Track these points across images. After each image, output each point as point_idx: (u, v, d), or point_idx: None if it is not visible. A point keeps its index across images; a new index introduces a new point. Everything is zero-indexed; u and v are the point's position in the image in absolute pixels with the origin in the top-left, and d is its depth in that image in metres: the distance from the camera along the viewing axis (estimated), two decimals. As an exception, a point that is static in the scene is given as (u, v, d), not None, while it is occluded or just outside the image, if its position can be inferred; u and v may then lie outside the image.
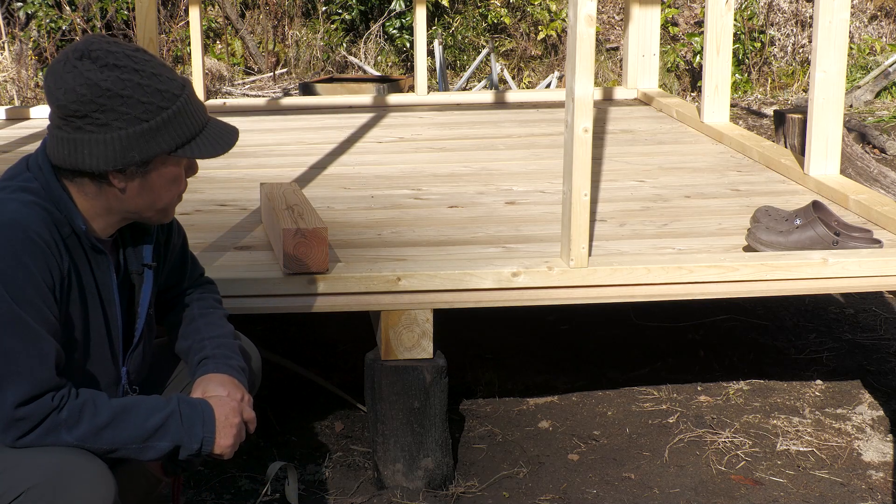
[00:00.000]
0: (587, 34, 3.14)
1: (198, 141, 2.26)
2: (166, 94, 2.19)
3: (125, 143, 2.18)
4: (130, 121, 2.17)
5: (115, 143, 2.18)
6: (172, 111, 2.20)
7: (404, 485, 3.29)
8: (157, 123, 2.19)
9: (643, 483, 3.36)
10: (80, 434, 2.15)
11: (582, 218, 3.27)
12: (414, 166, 4.74)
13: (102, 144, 2.18)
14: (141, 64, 2.19)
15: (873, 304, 4.76)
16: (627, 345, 4.35)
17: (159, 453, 2.23)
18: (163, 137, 2.20)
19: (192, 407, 2.27)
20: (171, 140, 2.21)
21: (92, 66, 2.15)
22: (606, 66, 10.03)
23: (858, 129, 7.93)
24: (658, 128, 5.49)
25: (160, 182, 2.26)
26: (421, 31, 6.12)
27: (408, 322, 3.24)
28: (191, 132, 2.24)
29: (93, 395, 2.19)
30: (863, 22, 10.37)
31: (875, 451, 3.53)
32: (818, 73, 4.15)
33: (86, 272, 2.28)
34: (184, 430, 2.23)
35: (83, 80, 2.15)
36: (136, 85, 2.17)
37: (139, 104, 2.17)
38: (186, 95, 2.23)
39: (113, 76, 2.15)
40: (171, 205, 2.33)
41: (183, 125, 2.22)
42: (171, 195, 2.30)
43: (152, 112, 2.18)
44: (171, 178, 2.27)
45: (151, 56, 2.24)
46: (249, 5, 10.46)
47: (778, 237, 3.49)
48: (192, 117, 2.24)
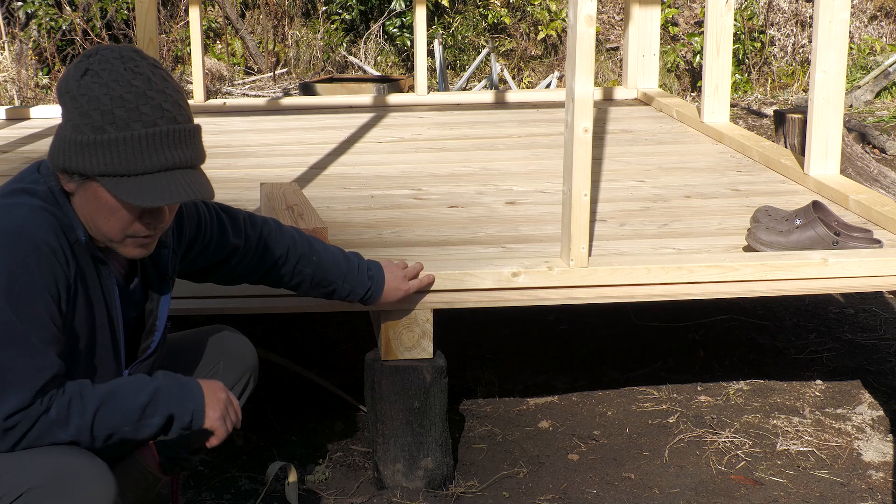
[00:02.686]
0: (587, 34, 3.14)
1: (130, 181, 2.13)
2: (120, 120, 2.11)
3: (64, 147, 2.16)
4: (75, 128, 2.14)
5: (60, 143, 2.17)
6: (113, 138, 2.11)
7: (404, 485, 3.29)
8: (92, 141, 2.12)
9: (643, 483, 3.36)
10: (73, 429, 2.16)
11: (582, 218, 3.27)
12: (414, 166, 4.74)
13: (55, 140, 2.19)
14: (122, 84, 2.12)
15: (873, 304, 4.76)
16: (627, 345, 4.35)
17: (154, 429, 2.24)
18: (93, 159, 2.13)
19: (178, 380, 2.28)
20: (98, 165, 2.12)
21: (81, 67, 2.15)
22: (606, 66, 10.03)
23: (858, 129, 7.93)
24: (658, 128, 5.49)
25: (95, 204, 2.18)
26: (421, 30, 6.12)
27: (408, 322, 3.24)
28: (125, 168, 2.12)
29: (79, 386, 2.18)
30: (863, 22, 10.37)
31: (875, 451, 3.53)
32: (818, 73, 4.15)
33: (92, 279, 2.27)
34: (173, 402, 2.24)
35: (67, 74, 2.17)
36: (94, 98, 2.12)
37: (87, 116, 2.12)
38: (148, 132, 2.12)
39: (85, 82, 2.13)
40: (117, 238, 2.22)
41: (119, 157, 2.12)
42: (110, 226, 2.19)
43: (94, 129, 2.12)
44: (106, 207, 2.17)
45: (150, 84, 2.14)
46: (249, 5, 10.46)
47: (778, 237, 3.49)
48: (137, 155, 2.12)
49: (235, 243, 2.66)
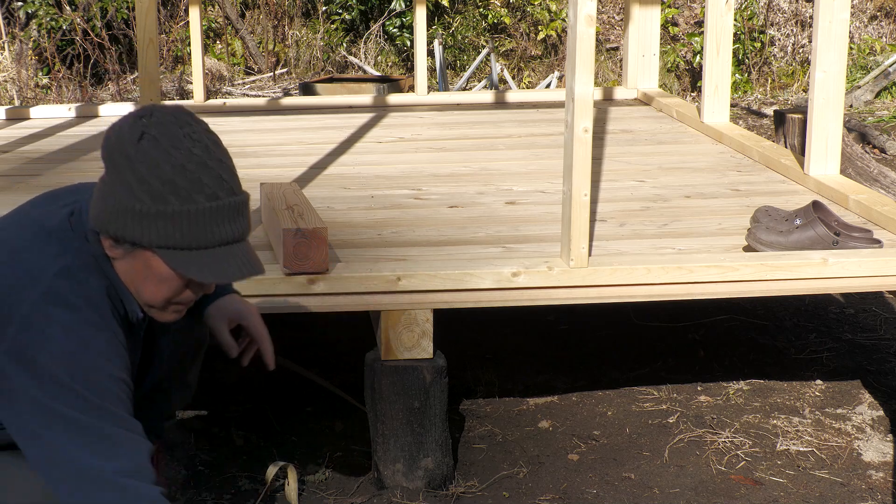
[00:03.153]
0: (587, 34, 3.14)
1: (191, 255, 2.05)
2: (183, 192, 2.02)
3: (117, 214, 2.05)
4: (131, 195, 2.03)
5: (111, 210, 2.06)
6: (175, 210, 2.02)
7: (404, 485, 3.29)
8: (152, 211, 2.03)
9: (643, 483, 3.36)
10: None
11: (582, 218, 3.27)
12: (414, 166, 4.74)
13: (103, 203, 2.08)
14: (183, 152, 2.03)
15: (873, 304, 4.76)
16: (627, 345, 4.35)
17: None
18: (152, 229, 2.03)
19: None
20: (157, 236, 2.04)
21: (136, 129, 2.05)
22: (606, 66, 10.03)
23: (858, 129, 7.93)
24: (658, 128, 5.49)
25: (143, 271, 2.10)
26: (421, 30, 6.12)
27: (408, 322, 3.24)
28: (186, 242, 2.04)
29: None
30: (863, 22, 10.37)
31: (875, 451, 3.53)
32: (818, 73, 4.15)
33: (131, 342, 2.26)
34: None
35: (121, 134, 2.06)
36: (155, 165, 2.02)
37: (146, 184, 2.02)
38: (211, 206, 2.04)
39: (145, 146, 2.03)
40: (163, 306, 2.17)
41: (180, 231, 2.03)
42: (156, 293, 2.13)
43: (154, 199, 2.02)
44: (156, 275, 2.10)
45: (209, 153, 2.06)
46: (249, 5, 10.46)
47: (778, 237, 3.49)
48: (199, 229, 2.04)
49: None
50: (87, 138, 5.28)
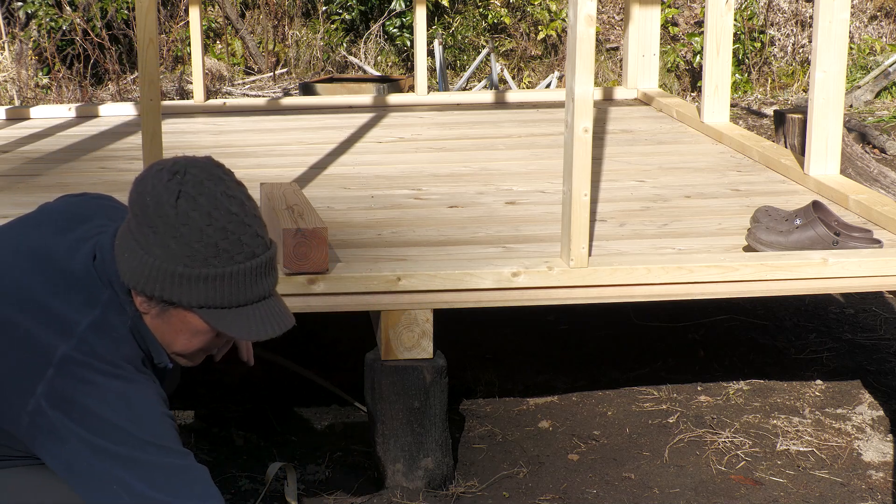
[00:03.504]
0: (587, 34, 3.14)
1: (231, 313, 2.03)
2: (225, 254, 1.99)
3: (156, 275, 2.01)
4: (172, 257, 1.99)
5: (149, 270, 2.01)
6: (218, 273, 2.00)
7: (404, 485, 3.29)
8: (195, 275, 2.00)
9: (643, 483, 3.36)
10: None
11: (582, 218, 3.27)
12: (414, 166, 4.74)
13: (138, 264, 2.02)
14: (223, 213, 2.00)
15: (873, 304, 4.76)
16: (627, 345, 4.35)
17: None
18: (194, 291, 2.01)
19: None
20: (199, 297, 2.01)
21: (173, 187, 2.00)
22: (606, 66, 10.03)
23: (858, 129, 7.93)
24: (658, 128, 5.49)
25: (178, 326, 2.07)
26: (421, 31, 6.12)
27: (408, 322, 3.24)
28: (227, 301, 2.02)
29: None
30: (863, 22, 10.37)
31: (875, 451, 3.53)
32: (818, 73, 4.15)
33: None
34: None
35: (157, 194, 2.01)
36: (197, 230, 1.98)
37: (189, 248, 1.98)
38: (250, 266, 2.02)
39: (182, 211, 1.98)
40: (192, 355, 2.15)
41: (221, 291, 2.01)
42: (189, 345, 2.11)
43: (197, 262, 1.99)
44: (191, 329, 2.08)
45: (245, 209, 2.03)
46: (249, 5, 10.46)
47: (778, 237, 3.49)
48: (240, 288, 2.02)
49: None
50: (87, 138, 5.28)
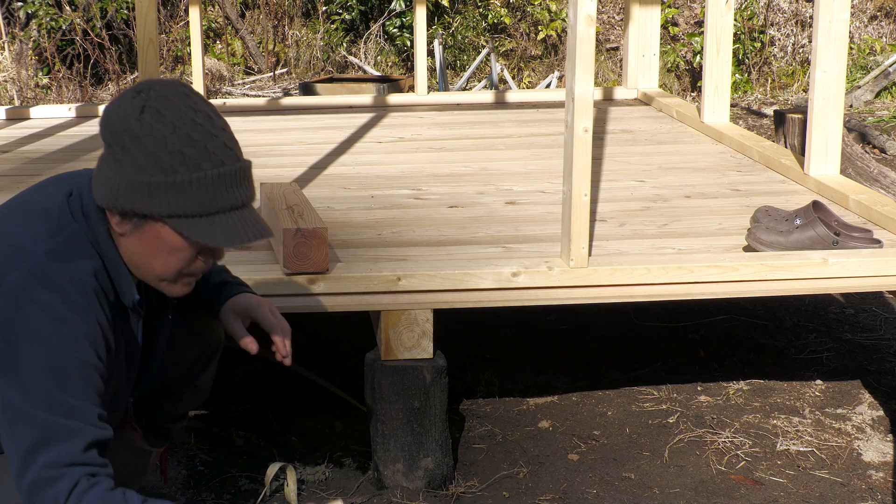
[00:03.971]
0: (587, 34, 3.14)
1: (201, 221, 2.08)
2: (191, 160, 2.06)
3: (126, 188, 2.08)
4: (140, 169, 2.06)
5: (120, 185, 2.08)
6: (185, 178, 2.06)
7: (404, 485, 3.29)
8: (162, 182, 2.06)
9: (643, 483, 3.36)
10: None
11: (582, 218, 3.27)
12: (414, 166, 4.74)
13: (109, 181, 2.10)
14: (187, 123, 2.07)
15: (873, 304, 4.76)
16: (627, 345, 4.35)
17: None
18: (163, 200, 2.07)
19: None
20: (168, 206, 2.07)
21: (136, 104, 2.08)
22: (606, 66, 10.03)
23: (858, 129, 7.93)
24: (658, 128, 5.49)
25: (153, 243, 2.12)
26: (421, 31, 6.12)
27: (408, 322, 3.24)
28: (196, 209, 2.07)
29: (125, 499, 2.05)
30: (863, 22, 10.37)
31: (875, 451, 3.53)
32: (818, 73, 4.15)
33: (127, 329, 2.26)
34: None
35: (122, 112, 2.09)
36: (161, 138, 2.05)
37: (154, 157, 2.05)
38: (218, 172, 2.07)
39: (146, 122, 2.06)
40: (174, 278, 2.18)
41: (191, 198, 2.07)
42: (167, 265, 2.15)
43: (164, 171, 2.05)
44: (166, 245, 2.12)
45: (212, 122, 2.10)
46: (249, 5, 10.46)
47: (778, 237, 3.49)
48: (208, 195, 2.08)
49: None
50: (87, 138, 5.28)
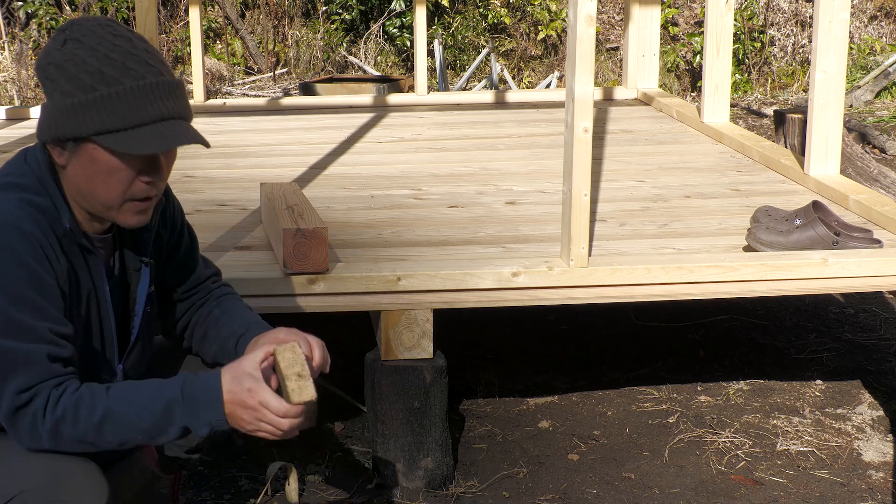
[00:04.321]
0: (587, 34, 3.14)
1: (127, 134, 2.13)
2: (110, 77, 2.12)
3: (56, 115, 2.15)
4: (65, 94, 2.13)
5: (50, 113, 2.16)
6: (105, 94, 2.12)
7: (404, 485, 3.29)
8: (84, 101, 2.12)
9: (643, 483, 3.36)
10: (83, 431, 2.12)
11: (582, 218, 3.27)
12: (414, 166, 4.74)
13: (43, 113, 2.19)
14: (106, 46, 2.14)
15: (873, 304, 4.76)
16: (627, 345, 4.35)
17: (174, 436, 2.18)
18: (87, 118, 2.13)
19: (194, 389, 2.16)
20: (94, 123, 2.13)
21: (60, 38, 2.16)
22: (606, 66, 10.03)
23: (858, 129, 7.93)
24: (658, 128, 5.49)
25: (91, 169, 2.17)
26: (421, 31, 6.12)
27: (408, 322, 3.24)
28: (120, 122, 2.13)
29: (89, 388, 2.14)
30: (863, 22, 10.37)
31: (875, 451, 3.53)
32: (818, 73, 4.15)
33: (83, 271, 2.26)
34: (188, 415, 2.14)
35: (46, 48, 2.18)
36: (81, 61, 2.13)
37: (76, 80, 2.13)
38: (138, 85, 2.13)
39: (67, 50, 2.14)
40: (117, 203, 2.20)
41: (114, 112, 2.12)
42: (109, 190, 2.18)
43: (85, 90, 2.12)
44: (102, 168, 2.16)
45: (132, 44, 2.16)
46: (249, 5, 10.46)
47: (778, 237, 3.49)
48: (130, 108, 2.13)
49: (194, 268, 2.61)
50: (87, 138, 5.27)
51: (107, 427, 2.13)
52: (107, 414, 2.12)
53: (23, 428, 2.11)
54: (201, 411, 2.15)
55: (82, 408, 2.11)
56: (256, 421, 2.18)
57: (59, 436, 2.11)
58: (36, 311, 2.12)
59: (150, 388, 2.18)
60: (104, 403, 2.13)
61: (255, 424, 2.18)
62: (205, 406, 2.15)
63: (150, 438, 2.17)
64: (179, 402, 2.15)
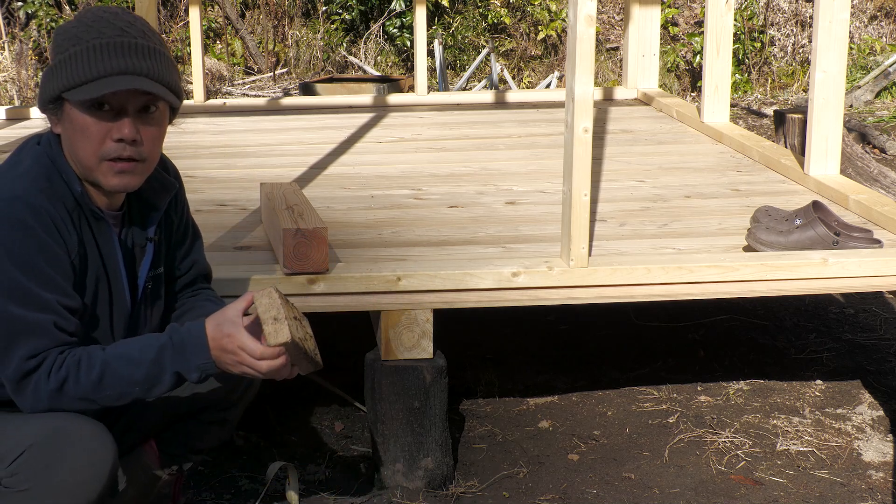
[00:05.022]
0: (587, 34, 3.14)
1: (90, 84, 2.20)
2: (79, 39, 2.21)
3: (43, 82, 2.26)
4: (49, 62, 2.25)
5: (42, 83, 2.27)
6: (72, 52, 2.21)
7: (404, 485, 3.29)
8: (57, 63, 2.22)
9: (643, 483, 3.36)
10: (84, 388, 2.21)
11: (582, 218, 3.27)
12: (414, 166, 4.74)
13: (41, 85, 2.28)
14: (94, 19, 2.23)
15: (873, 304, 4.76)
16: (627, 345, 4.35)
17: (168, 386, 2.28)
18: (57, 77, 2.22)
19: (181, 336, 2.28)
20: (62, 81, 2.22)
21: (71, 21, 2.27)
22: (606, 66, 10.03)
23: (858, 129, 7.93)
24: (658, 128, 5.49)
25: (71, 130, 2.25)
26: (421, 31, 6.12)
27: (408, 322, 3.24)
28: (82, 76, 2.20)
29: (86, 350, 2.24)
30: (863, 22, 10.37)
31: (875, 451, 3.53)
32: (818, 73, 4.15)
33: (91, 247, 2.32)
34: (178, 361, 2.25)
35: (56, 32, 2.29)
36: (65, 30, 2.24)
37: (58, 47, 2.23)
38: (98, 43, 2.20)
39: (68, 24, 2.25)
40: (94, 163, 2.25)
41: (76, 67, 2.20)
42: (86, 150, 2.25)
43: (60, 52, 2.22)
44: (79, 127, 2.24)
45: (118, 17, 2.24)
46: (249, 5, 10.46)
47: (778, 237, 3.49)
48: (92, 62, 2.20)
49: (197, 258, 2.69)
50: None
51: (105, 381, 2.22)
52: (104, 368, 2.22)
53: (27, 391, 2.21)
54: (190, 356, 2.25)
55: (82, 366, 2.21)
56: (238, 364, 2.28)
57: (63, 394, 2.21)
58: (46, 282, 2.20)
59: (141, 341, 2.29)
60: (101, 358, 2.23)
61: (238, 367, 2.28)
62: (192, 351, 2.26)
63: (145, 390, 2.26)
64: (169, 349, 2.25)
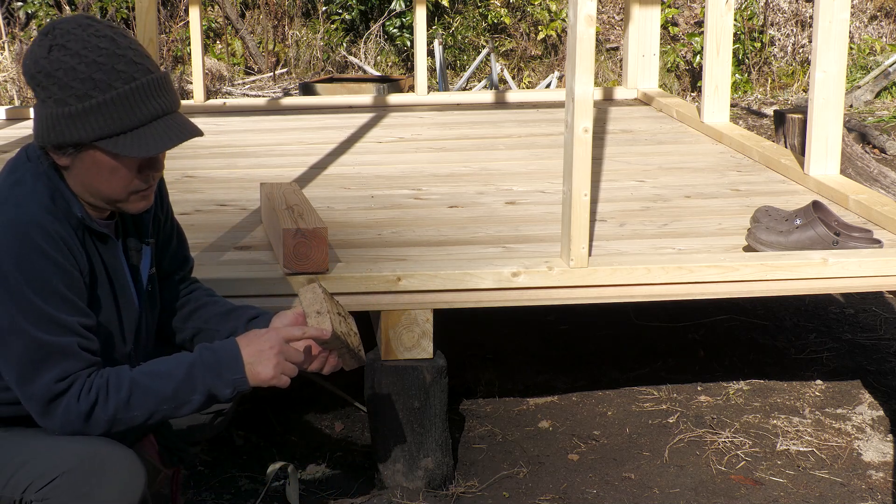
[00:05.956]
0: (587, 34, 3.14)
1: (127, 137, 2.18)
2: (101, 83, 2.16)
3: (52, 123, 2.19)
4: (59, 102, 2.17)
5: (47, 121, 2.20)
6: (100, 100, 2.16)
7: (404, 485, 3.29)
8: (80, 109, 2.17)
9: (643, 483, 3.36)
10: (113, 408, 2.21)
11: (582, 218, 3.27)
12: (414, 166, 4.74)
13: (39, 120, 2.22)
14: (91, 49, 2.17)
15: (873, 304, 4.76)
16: (627, 345, 4.35)
17: (197, 405, 2.28)
18: (86, 125, 2.18)
19: (214, 352, 2.29)
20: (93, 130, 2.18)
21: (44, 44, 2.19)
22: (606, 66, 10.03)
23: (858, 129, 7.93)
24: (658, 128, 5.49)
25: (95, 170, 2.22)
26: (421, 31, 6.12)
27: (408, 322, 3.24)
28: (118, 126, 2.18)
29: (114, 370, 2.24)
30: (863, 22, 10.37)
31: (875, 451, 3.53)
32: (818, 73, 4.15)
33: (98, 263, 2.32)
34: (210, 377, 2.26)
35: (33, 55, 2.21)
36: (70, 69, 2.16)
37: (68, 88, 2.17)
38: (130, 88, 2.17)
39: (54, 57, 2.17)
40: (122, 197, 2.26)
41: (111, 117, 2.17)
42: (113, 186, 2.24)
43: (80, 98, 2.17)
44: (107, 169, 2.22)
45: (116, 43, 2.19)
46: (249, 5, 10.46)
47: (778, 237, 3.49)
48: (126, 111, 2.18)
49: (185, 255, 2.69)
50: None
51: (134, 400, 2.22)
52: (133, 388, 2.22)
53: (57, 414, 2.20)
54: (223, 370, 2.26)
55: (111, 386, 2.21)
56: (276, 356, 2.28)
57: (92, 417, 2.20)
58: (66, 306, 2.20)
59: (170, 360, 2.29)
60: (129, 378, 2.23)
61: (278, 368, 2.29)
62: (226, 365, 2.27)
63: (175, 408, 2.26)
64: (200, 365, 2.26)
